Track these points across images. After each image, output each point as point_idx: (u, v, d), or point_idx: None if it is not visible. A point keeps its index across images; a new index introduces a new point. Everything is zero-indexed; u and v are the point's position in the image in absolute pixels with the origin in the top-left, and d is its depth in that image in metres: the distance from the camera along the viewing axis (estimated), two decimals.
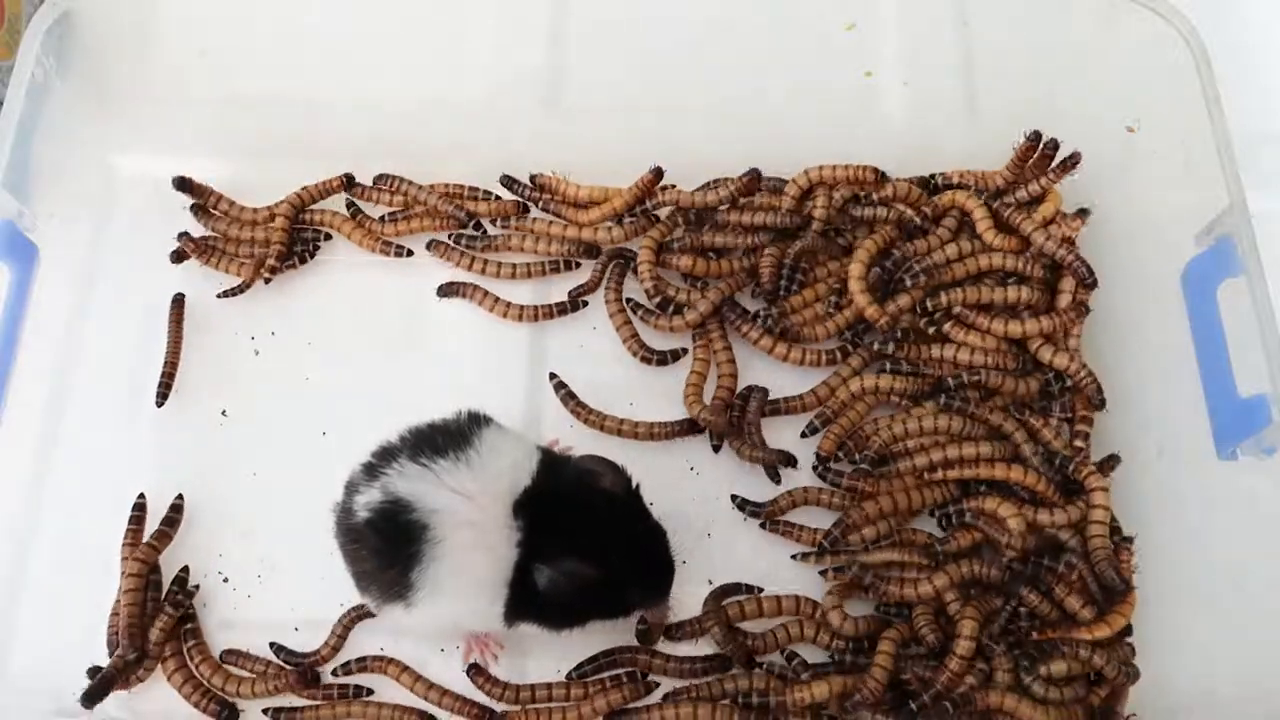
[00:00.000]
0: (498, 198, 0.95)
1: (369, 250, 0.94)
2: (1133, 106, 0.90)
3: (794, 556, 0.83)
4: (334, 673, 0.80)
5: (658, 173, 0.91)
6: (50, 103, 0.86)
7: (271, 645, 0.81)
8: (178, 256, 0.92)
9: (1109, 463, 0.83)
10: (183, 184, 0.93)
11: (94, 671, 0.78)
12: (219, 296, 0.92)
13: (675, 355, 0.90)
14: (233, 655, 0.81)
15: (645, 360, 0.90)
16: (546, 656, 0.80)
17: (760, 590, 0.82)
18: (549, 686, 0.79)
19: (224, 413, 0.89)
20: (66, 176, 0.91)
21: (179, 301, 0.91)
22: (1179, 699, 0.78)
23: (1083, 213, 0.88)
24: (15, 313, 0.81)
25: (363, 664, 0.80)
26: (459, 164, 0.95)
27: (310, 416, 0.88)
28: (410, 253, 0.94)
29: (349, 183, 0.95)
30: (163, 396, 0.88)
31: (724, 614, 0.80)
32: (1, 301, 0.80)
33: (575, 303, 0.92)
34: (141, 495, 0.83)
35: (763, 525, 0.84)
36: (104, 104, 0.93)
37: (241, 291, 0.92)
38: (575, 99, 0.96)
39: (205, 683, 0.80)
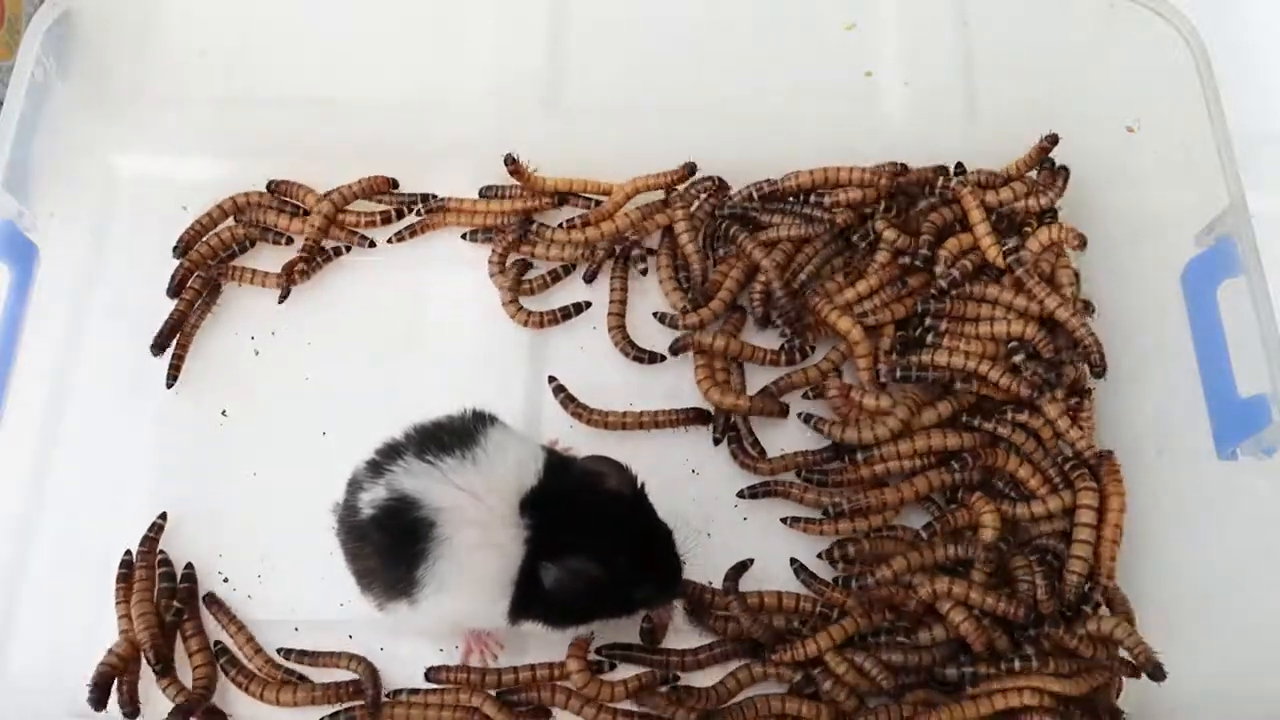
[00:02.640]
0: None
1: (335, 238, 0.94)
2: (1133, 106, 0.90)
3: (784, 520, 0.85)
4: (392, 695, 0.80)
5: (690, 168, 0.93)
6: (50, 103, 0.86)
7: (280, 650, 0.81)
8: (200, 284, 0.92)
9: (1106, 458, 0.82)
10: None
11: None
12: (280, 302, 0.92)
13: (654, 357, 0.90)
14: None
15: (625, 354, 0.90)
16: (547, 655, 0.80)
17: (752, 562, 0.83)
18: (533, 668, 0.79)
19: (224, 413, 0.89)
20: (66, 176, 0.91)
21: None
22: (1179, 699, 0.78)
23: (1081, 242, 0.87)
24: (15, 313, 0.81)
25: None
26: (459, 164, 0.95)
27: (310, 416, 0.88)
28: (373, 243, 0.94)
29: (393, 185, 0.95)
30: (172, 379, 0.88)
31: (744, 596, 0.81)
32: (1, 301, 0.80)
33: (579, 306, 0.92)
34: (128, 552, 0.82)
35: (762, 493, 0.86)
36: (104, 104, 0.93)
37: (286, 295, 0.92)
38: (575, 99, 0.96)
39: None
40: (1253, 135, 0.84)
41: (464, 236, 0.95)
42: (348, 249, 0.94)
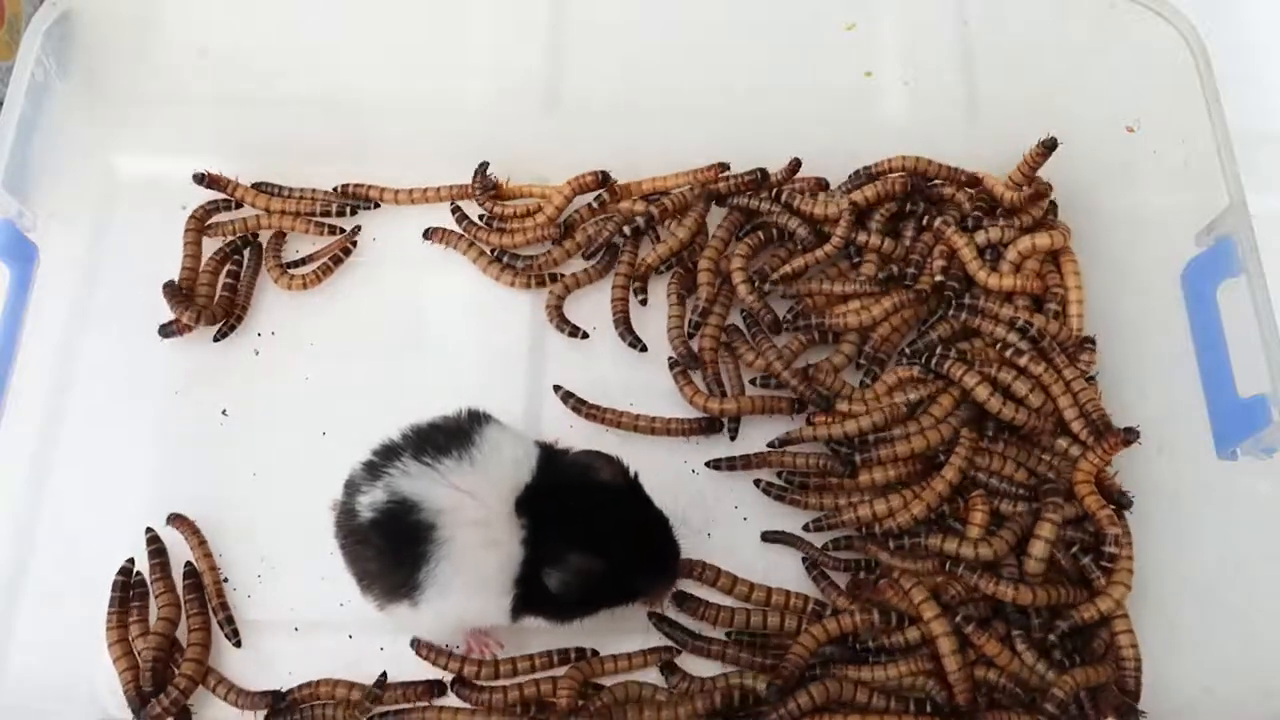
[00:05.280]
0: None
1: (302, 233, 0.95)
2: (1133, 106, 0.90)
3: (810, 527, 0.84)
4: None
5: (723, 166, 0.93)
6: (50, 103, 0.86)
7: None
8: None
9: (1124, 436, 0.81)
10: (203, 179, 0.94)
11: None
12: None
13: (636, 343, 0.90)
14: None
15: (615, 327, 0.90)
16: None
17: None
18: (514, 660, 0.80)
19: (224, 412, 0.89)
20: (66, 176, 0.90)
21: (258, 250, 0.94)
22: (1179, 699, 0.78)
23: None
24: (15, 313, 0.81)
25: None
26: (459, 164, 0.95)
27: (310, 416, 0.88)
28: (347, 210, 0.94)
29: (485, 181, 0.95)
30: (223, 334, 0.90)
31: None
32: (1, 302, 0.80)
33: (576, 330, 0.91)
34: (128, 562, 0.82)
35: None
36: (104, 104, 0.93)
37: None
38: (575, 99, 0.96)
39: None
40: (1253, 135, 0.84)
41: (425, 234, 0.95)
42: (347, 253, 0.94)
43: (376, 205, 0.95)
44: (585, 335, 0.91)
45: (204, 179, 0.94)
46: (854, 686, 0.78)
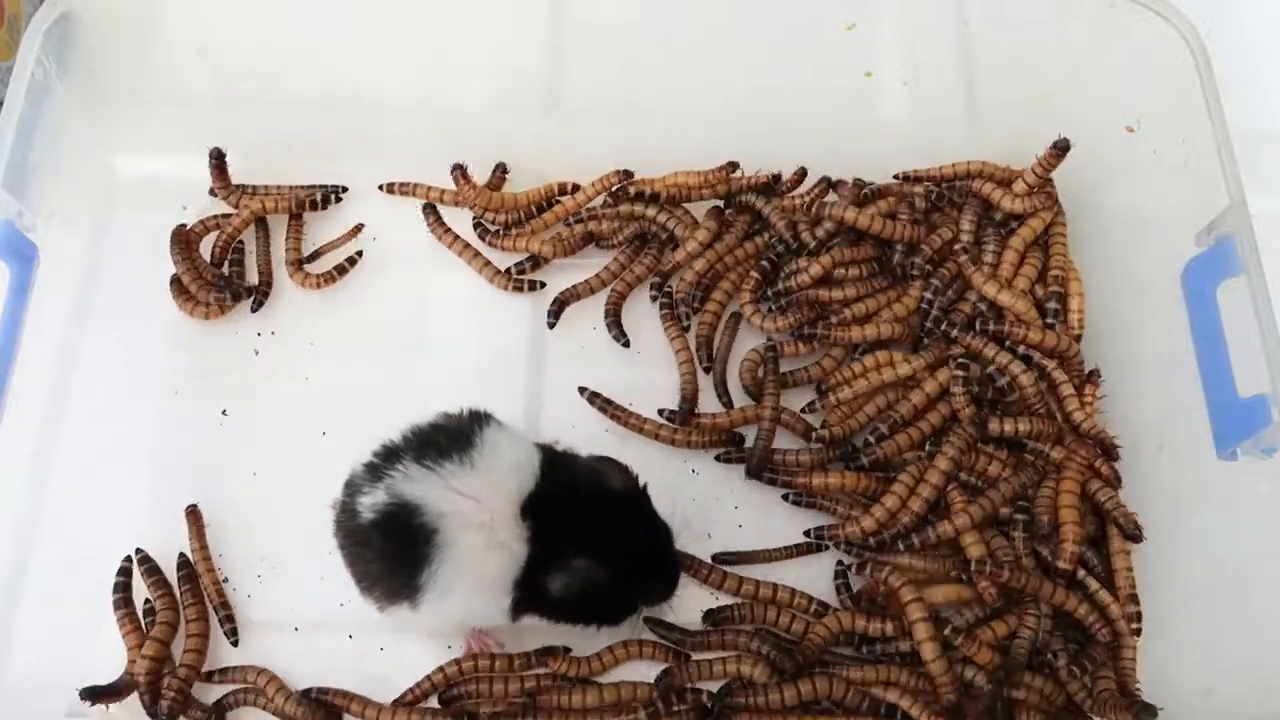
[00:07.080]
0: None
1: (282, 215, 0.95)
2: (1133, 106, 0.90)
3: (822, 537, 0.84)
4: None
5: (733, 165, 0.93)
6: (50, 103, 0.86)
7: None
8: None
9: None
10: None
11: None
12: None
13: (621, 336, 0.90)
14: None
15: (605, 316, 0.91)
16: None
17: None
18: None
19: (224, 412, 0.89)
20: (66, 176, 0.90)
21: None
22: (1179, 699, 0.78)
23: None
24: (15, 313, 0.81)
25: None
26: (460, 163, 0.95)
27: (310, 416, 0.88)
28: (332, 199, 0.94)
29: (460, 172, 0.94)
30: (258, 304, 0.91)
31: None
32: (1, 302, 0.80)
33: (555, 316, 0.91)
34: (134, 554, 0.82)
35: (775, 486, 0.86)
36: (104, 104, 0.93)
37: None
38: (575, 99, 0.96)
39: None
40: (1253, 135, 0.84)
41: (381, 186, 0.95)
42: (352, 263, 0.93)
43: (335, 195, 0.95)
44: (552, 326, 0.91)
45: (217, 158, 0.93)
46: (842, 685, 0.77)
